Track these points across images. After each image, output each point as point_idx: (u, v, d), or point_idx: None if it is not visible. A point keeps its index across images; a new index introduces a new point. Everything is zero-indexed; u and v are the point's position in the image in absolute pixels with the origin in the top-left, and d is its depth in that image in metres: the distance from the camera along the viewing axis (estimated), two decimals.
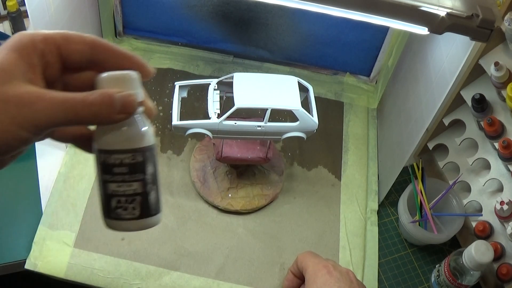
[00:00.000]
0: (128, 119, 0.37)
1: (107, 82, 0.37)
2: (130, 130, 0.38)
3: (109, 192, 0.38)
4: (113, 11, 1.01)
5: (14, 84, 0.35)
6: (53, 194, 0.85)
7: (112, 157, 0.38)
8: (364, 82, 1.08)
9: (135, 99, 0.37)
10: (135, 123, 0.38)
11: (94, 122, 0.37)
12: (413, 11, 0.59)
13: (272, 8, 0.97)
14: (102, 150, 0.38)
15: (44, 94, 0.35)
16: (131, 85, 0.38)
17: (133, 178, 0.38)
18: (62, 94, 0.35)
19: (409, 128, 0.83)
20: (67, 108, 0.35)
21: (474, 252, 0.73)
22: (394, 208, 0.92)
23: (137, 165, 0.38)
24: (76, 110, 0.35)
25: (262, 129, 0.77)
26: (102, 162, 0.38)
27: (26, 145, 0.36)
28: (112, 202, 0.38)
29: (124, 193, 0.38)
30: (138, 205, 0.39)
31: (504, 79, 0.72)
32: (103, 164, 0.38)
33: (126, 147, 0.38)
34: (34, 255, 0.78)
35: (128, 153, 0.38)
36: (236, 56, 1.07)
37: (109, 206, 0.39)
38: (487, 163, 0.82)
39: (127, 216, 0.39)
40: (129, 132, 0.38)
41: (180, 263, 0.81)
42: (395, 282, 0.85)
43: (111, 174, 0.38)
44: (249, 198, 0.87)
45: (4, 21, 1.05)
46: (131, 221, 0.39)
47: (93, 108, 0.35)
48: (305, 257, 0.74)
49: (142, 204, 0.39)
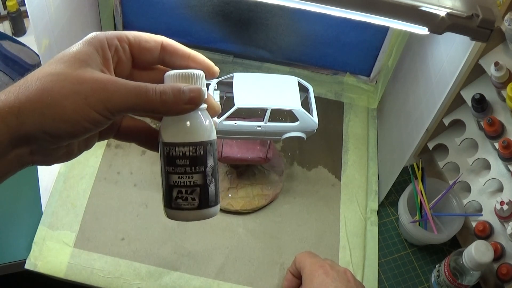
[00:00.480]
0: (192, 114, 0.40)
1: (174, 78, 0.40)
2: (193, 124, 0.40)
3: (171, 182, 0.41)
4: (113, 11, 1.01)
5: (89, 70, 0.37)
6: (53, 194, 0.85)
7: (175, 149, 0.40)
8: (364, 82, 1.08)
9: (202, 92, 0.39)
10: (199, 117, 0.41)
11: (162, 110, 0.38)
12: (413, 11, 0.59)
13: (272, 8, 0.97)
14: (166, 142, 0.40)
15: (117, 80, 0.37)
16: (197, 83, 0.40)
17: (194, 170, 0.40)
18: (134, 82, 0.37)
19: (409, 128, 0.83)
20: (138, 94, 0.37)
21: (474, 252, 0.73)
22: (394, 208, 0.92)
23: (198, 158, 0.40)
24: (147, 97, 0.37)
25: (262, 129, 0.77)
26: (166, 154, 0.40)
27: (97, 129, 0.37)
28: (173, 192, 0.41)
29: (185, 184, 0.40)
30: (197, 196, 0.41)
31: (504, 79, 0.72)
32: (167, 156, 0.40)
33: (189, 140, 0.40)
34: (34, 255, 0.78)
35: (190, 146, 0.40)
36: (236, 56, 1.07)
37: (171, 196, 0.41)
38: (487, 163, 0.82)
39: (187, 206, 0.41)
40: (192, 126, 0.40)
41: (180, 263, 0.81)
42: (395, 282, 0.85)
43: (173, 166, 0.40)
44: (249, 198, 0.87)
45: (4, 21, 1.05)
46: (190, 211, 0.41)
47: (163, 97, 0.37)
48: (303, 257, 0.74)
49: (201, 196, 0.41)
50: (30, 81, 0.36)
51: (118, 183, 0.87)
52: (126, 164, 0.90)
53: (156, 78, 0.42)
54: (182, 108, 0.38)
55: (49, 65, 0.37)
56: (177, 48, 0.42)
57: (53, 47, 0.76)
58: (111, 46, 0.39)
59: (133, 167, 0.90)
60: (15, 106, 0.35)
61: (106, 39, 0.39)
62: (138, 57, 0.41)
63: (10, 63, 0.88)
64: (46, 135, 0.35)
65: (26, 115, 0.35)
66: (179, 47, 0.43)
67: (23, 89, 0.35)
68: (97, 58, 0.38)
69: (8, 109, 0.34)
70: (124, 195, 0.86)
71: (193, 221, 0.42)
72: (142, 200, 0.86)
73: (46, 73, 0.36)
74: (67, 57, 0.37)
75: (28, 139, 0.35)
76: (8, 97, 0.35)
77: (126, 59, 0.41)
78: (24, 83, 0.36)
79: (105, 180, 0.88)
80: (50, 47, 0.75)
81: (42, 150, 0.37)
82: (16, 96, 0.35)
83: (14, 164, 0.37)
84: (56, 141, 0.36)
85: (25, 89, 0.35)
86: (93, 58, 0.38)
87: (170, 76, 0.40)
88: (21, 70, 0.89)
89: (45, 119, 0.35)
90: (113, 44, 0.40)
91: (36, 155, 0.37)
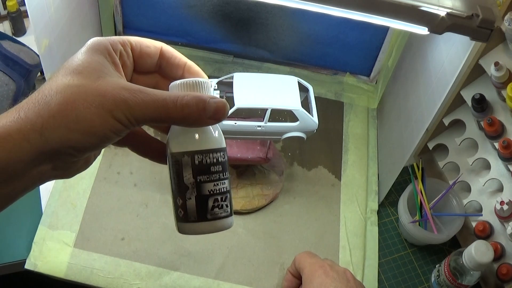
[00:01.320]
0: None
1: (185, 87, 0.39)
2: (217, 131, 0.40)
3: (205, 192, 0.39)
4: (113, 11, 1.01)
5: (108, 80, 0.36)
6: (53, 194, 0.85)
7: (209, 156, 0.39)
8: (364, 82, 1.08)
9: (227, 106, 0.38)
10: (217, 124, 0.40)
11: (182, 122, 0.38)
12: (413, 11, 0.59)
13: (272, 8, 0.97)
14: (198, 151, 0.39)
15: (139, 90, 0.36)
16: (210, 91, 0.39)
17: (225, 176, 0.40)
18: (156, 92, 0.37)
19: (409, 128, 0.83)
20: (160, 107, 0.36)
21: (474, 252, 0.73)
22: (394, 208, 0.92)
23: (226, 162, 0.40)
24: (168, 109, 0.36)
25: (262, 129, 0.77)
26: (198, 163, 0.39)
27: (119, 138, 0.37)
28: (209, 202, 0.39)
29: (220, 191, 0.39)
30: (229, 202, 0.40)
31: (504, 79, 0.72)
32: (199, 165, 0.39)
33: (221, 145, 0.40)
34: (34, 255, 0.78)
35: (221, 152, 0.40)
36: (236, 56, 1.07)
37: (206, 207, 0.39)
38: (487, 163, 0.82)
39: (223, 214, 0.40)
40: (217, 132, 0.40)
41: (180, 263, 0.81)
42: (395, 282, 0.85)
43: (208, 174, 0.39)
44: (249, 198, 0.87)
45: (4, 21, 1.05)
46: (225, 219, 0.40)
47: (185, 110, 0.37)
48: (302, 257, 0.74)
49: (230, 201, 0.41)
50: (49, 95, 0.35)
51: (118, 183, 0.87)
52: (126, 164, 0.90)
53: (153, 83, 0.42)
54: (206, 122, 0.38)
55: (64, 77, 0.36)
56: (175, 56, 0.42)
57: (53, 47, 0.77)
58: (116, 51, 0.39)
59: (133, 167, 0.90)
60: (38, 123, 0.34)
61: (111, 44, 0.39)
62: (138, 61, 0.41)
63: (10, 63, 0.88)
64: (71, 149, 0.35)
65: (51, 131, 0.34)
66: (177, 55, 0.42)
67: (42, 104, 0.34)
68: (109, 66, 0.38)
69: (30, 127, 0.34)
70: (124, 195, 0.86)
71: None
72: (142, 200, 0.86)
73: (65, 85, 0.35)
74: (81, 67, 0.36)
75: (52, 155, 0.35)
76: (28, 114, 0.34)
77: (129, 64, 0.41)
78: (43, 97, 0.35)
79: (105, 180, 0.88)
80: (50, 47, 0.75)
81: (64, 164, 0.37)
82: (38, 113, 0.34)
83: (35, 180, 0.36)
84: (81, 154, 0.36)
85: (46, 104, 0.34)
86: (106, 66, 0.37)
87: (179, 85, 0.39)
88: (21, 70, 0.89)
89: (72, 133, 0.34)
90: (118, 49, 0.39)
91: (58, 170, 0.37)
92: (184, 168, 0.39)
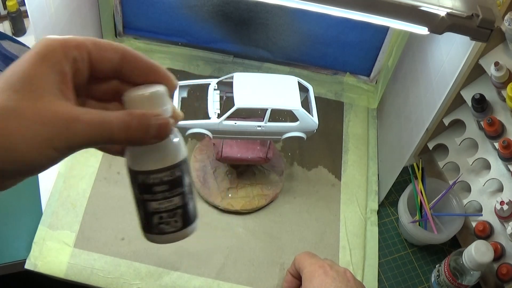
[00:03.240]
0: None
1: (138, 100, 0.37)
2: (165, 148, 0.38)
3: (150, 210, 0.38)
4: (113, 11, 1.01)
5: (48, 101, 0.34)
6: (53, 194, 0.85)
7: (151, 177, 0.37)
8: (364, 82, 1.08)
9: (169, 123, 0.37)
10: (169, 139, 0.38)
11: (127, 143, 0.37)
12: (413, 11, 0.59)
13: (272, 8, 0.97)
14: (139, 171, 0.37)
15: (81, 115, 0.34)
16: (162, 102, 0.37)
17: (174, 194, 0.38)
18: (98, 115, 0.35)
19: (409, 128, 0.83)
20: (103, 131, 0.34)
21: (474, 252, 0.73)
22: (394, 208, 0.92)
23: (176, 180, 0.38)
24: (112, 133, 0.35)
25: (262, 129, 0.77)
26: (141, 183, 0.38)
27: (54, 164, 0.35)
28: (154, 219, 0.38)
29: (166, 209, 0.38)
30: (180, 217, 0.39)
31: (504, 79, 0.72)
32: (142, 184, 0.38)
33: (164, 165, 0.37)
34: (34, 255, 0.78)
35: (167, 171, 0.38)
36: (236, 56, 1.07)
37: (151, 223, 0.39)
38: (487, 163, 0.82)
39: (170, 229, 0.39)
40: (165, 150, 0.38)
41: (180, 263, 0.81)
42: (395, 282, 0.85)
43: (151, 194, 0.38)
44: (249, 198, 0.87)
45: (4, 21, 1.05)
46: (174, 234, 0.39)
47: (129, 132, 0.35)
48: (302, 257, 0.74)
49: (183, 216, 0.39)
50: None
51: (118, 183, 0.87)
52: None
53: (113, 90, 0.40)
54: (150, 142, 0.36)
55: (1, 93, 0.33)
56: (137, 58, 0.39)
57: None
58: (69, 58, 0.35)
59: None
60: None
61: (63, 49, 0.35)
62: (96, 66, 0.38)
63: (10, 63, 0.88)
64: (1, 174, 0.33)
65: None
66: (140, 57, 0.39)
67: None
68: (53, 78, 0.34)
69: None
70: (124, 195, 0.86)
71: None
72: None
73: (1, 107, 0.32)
74: (21, 83, 0.33)
75: None
76: None
77: (84, 70, 0.37)
78: None
79: (105, 180, 0.88)
80: None
81: None
82: None
83: None
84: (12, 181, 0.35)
85: None
86: (49, 78, 0.34)
87: (132, 99, 0.37)
88: None
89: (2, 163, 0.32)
90: (72, 54, 0.35)
91: None
92: (132, 184, 0.39)
